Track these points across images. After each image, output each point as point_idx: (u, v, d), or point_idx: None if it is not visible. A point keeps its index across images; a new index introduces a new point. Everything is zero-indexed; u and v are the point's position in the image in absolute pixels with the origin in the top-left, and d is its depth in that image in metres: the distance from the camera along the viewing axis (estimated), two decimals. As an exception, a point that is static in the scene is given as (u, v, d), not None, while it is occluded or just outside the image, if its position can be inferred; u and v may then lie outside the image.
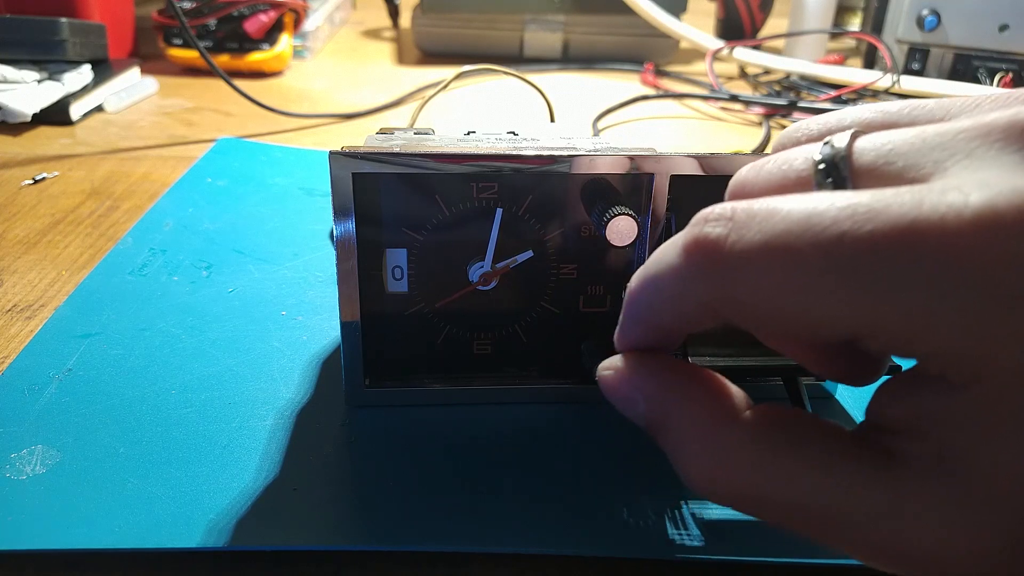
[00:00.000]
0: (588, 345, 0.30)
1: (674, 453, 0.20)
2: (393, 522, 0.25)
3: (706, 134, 0.68)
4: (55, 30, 0.64)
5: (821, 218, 0.16)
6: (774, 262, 0.16)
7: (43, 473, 0.26)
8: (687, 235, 0.18)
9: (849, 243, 0.15)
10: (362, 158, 0.26)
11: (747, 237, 0.17)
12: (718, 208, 0.18)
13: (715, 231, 0.17)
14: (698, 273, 0.18)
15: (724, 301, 0.18)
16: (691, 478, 0.19)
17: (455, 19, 0.90)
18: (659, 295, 0.19)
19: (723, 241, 0.17)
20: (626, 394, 0.21)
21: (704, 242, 0.18)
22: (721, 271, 0.17)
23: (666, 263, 0.19)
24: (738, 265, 0.17)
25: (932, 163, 0.17)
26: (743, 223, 0.17)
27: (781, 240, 0.16)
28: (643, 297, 0.20)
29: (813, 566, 0.24)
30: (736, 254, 0.17)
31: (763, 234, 0.17)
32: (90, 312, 0.36)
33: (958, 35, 0.75)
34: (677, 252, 0.18)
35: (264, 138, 0.62)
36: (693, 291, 0.18)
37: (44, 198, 0.49)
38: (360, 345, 0.29)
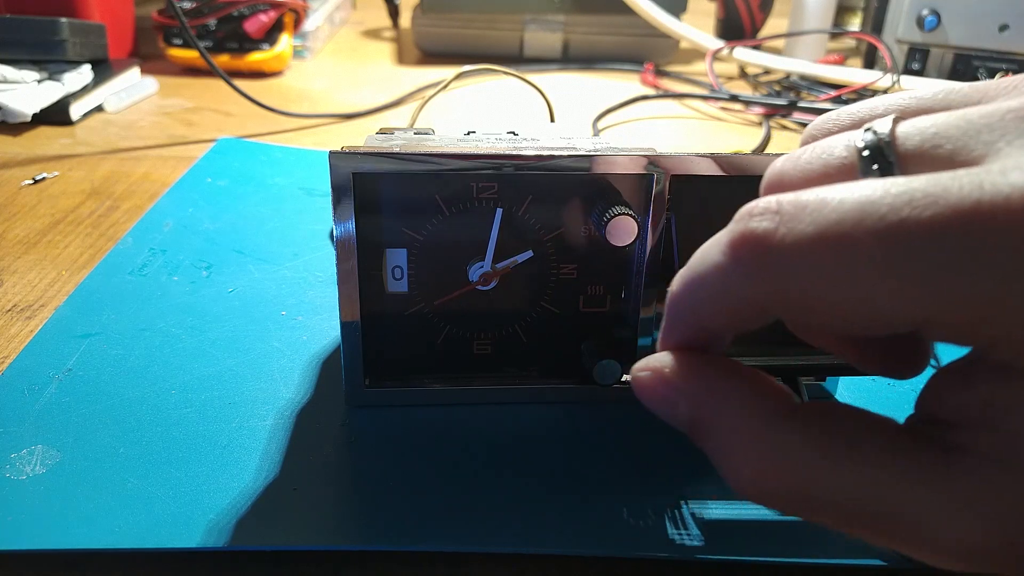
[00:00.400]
0: (588, 345, 0.30)
1: (720, 454, 0.19)
2: (393, 522, 0.25)
3: (706, 134, 0.68)
4: (55, 30, 0.64)
5: (877, 205, 0.15)
6: (830, 254, 0.15)
7: (43, 473, 0.26)
8: (732, 231, 0.17)
9: (911, 229, 0.15)
10: (362, 157, 0.26)
11: (798, 229, 0.16)
12: (762, 202, 0.17)
13: (762, 225, 0.17)
14: (747, 270, 0.17)
15: (776, 298, 0.17)
16: (740, 479, 0.18)
17: (455, 19, 0.90)
18: (704, 296, 0.19)
19: (772, 235, 0.16)
20: (665, 395, 0.20)
21: (751, 237, 0.17)
22: (772, 267, 0.16)
23: (710, 262, 0.18)
24: (791, 259, 0.16)
25: (983, 144, 0.16)
26: (792, 215, 0.16)
27: (836, 230, 0.15)
28: (686, 299, 0.19)
29: (813, 566, 0.24)
30: (788, 248, 0.16)
31: (815, 225, 0.16)
32: (90, 312, 0.36)
33: (958, 35, 0.75)
34: (722, 250, 0.18)
35: (264, 138, 0.62)
36: (742, 289, 0.17)
37: (44, 198, 0.49)
38: (360, 345, 0.29)
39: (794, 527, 0.25)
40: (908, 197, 0.15)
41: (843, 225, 0.15)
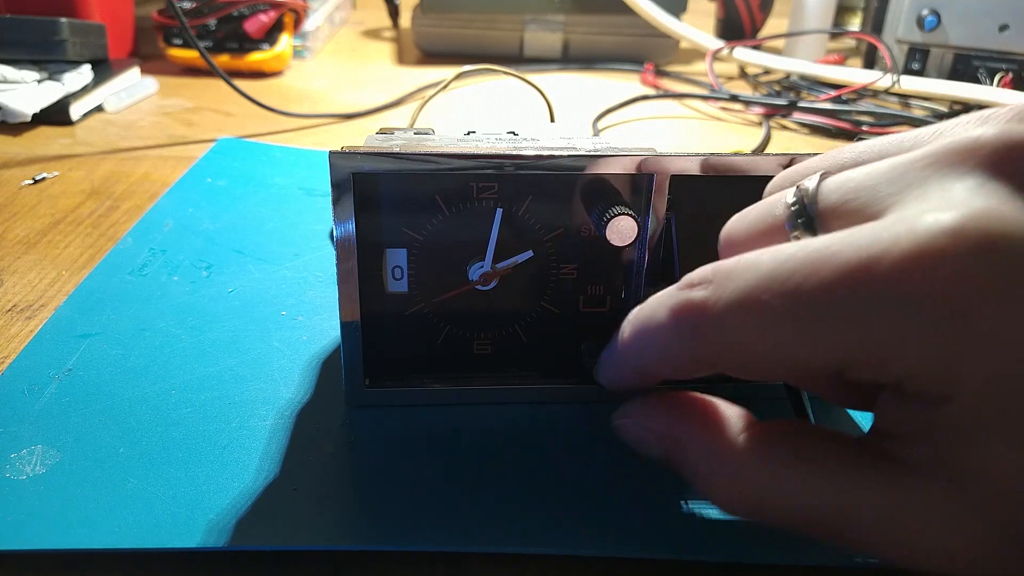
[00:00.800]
0: (588, 345, 0.30)
1: (693, 480, 0.21)
2: (393, 522, 0.25)
3: (706, 134, 0.68)
4: (55, 30, 0.64)
5: (783, 269, 0.17)
6: (749, 317, 0.18)
7: (43, 473, 0.26)
8: (675, 298, 0.20)
9: (809, 289, 0.17)
10: (362, 157, 0.26)
11: (724, 297, 0.18)
12: (699, 272, 0.20)
13: (698, 295, 0.19)
14: (686, 334, 0.19)
15: (714, 356, 0.19)
16: (712, 496, 0.21)
17: (455, 19, 0.90)
18: (651, 349, 0.21)
19: (705, 303, 0.19)
20: (640, 436, 0.23)
21: (688, 306, 0.19)
22: (706, 331, 0.19)
23: (656, 322, 0.21)
24: (720, 324, 0.18)
25: (888, 196, 0.18)
26: (721, 284, 0.19)
27: (753, 296, 0.18)
28: (635, 348, 0.22)
29: (813, 566, 0.24)
30: (717, 314, 0.18)
31: (737, 292, 0.18)
32: (90, 312, 0.36)
33: (958, 35, 0.75)
34: (666, 313, 0.20)
35: (264, 138, 0.62)
36: (683, 349, 0.20)
37: (44, 198, 0.49)
38: (360, 345, 0.29)
39: (794, 527, 0.25)
40: (809, 259, 0.17)
41: (758, 290, 0.18)
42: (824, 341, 0.17)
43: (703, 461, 0.21)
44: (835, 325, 0.17)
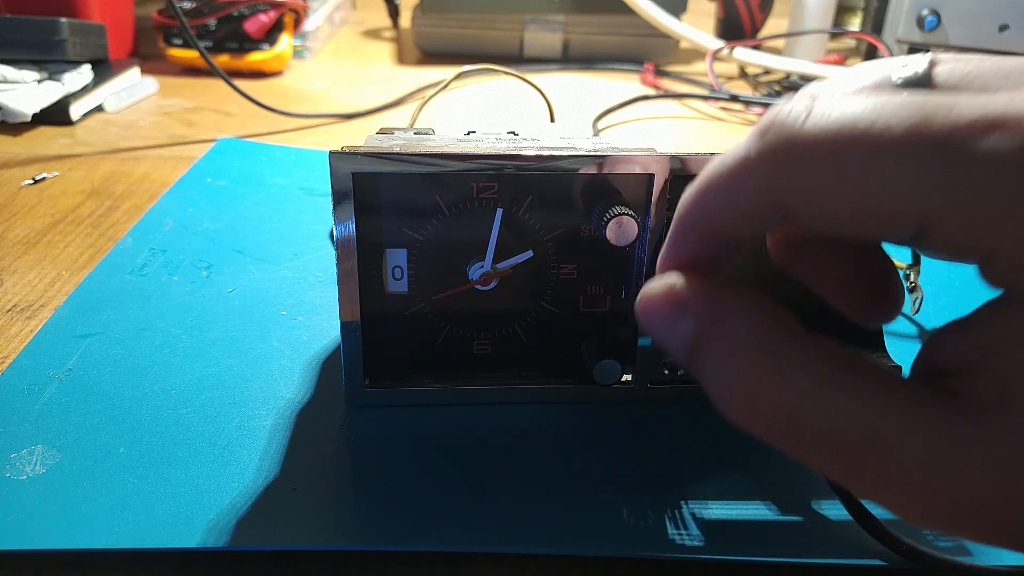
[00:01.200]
0: (588, 345, 0.30)
1: (716, 373, 0.18)
2: (393, 522, 0.25)
3: (706, 134, 0.68)
4: (55, 30, 0.64)
5: (896, 108, 0.16)
6: (854, 146, 0.16)
7: (43, 473, 0.26)
8: (760, 122, 0.18)
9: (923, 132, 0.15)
10: (362, 158, 0.26)
11: (828, 118, 0.16)
12: (796, 98, 0.17)
13: (791, 116, 0.17)
14: (769, 157, 0.17)
15: (794, 189, 0.17)
16: (731, 397, 0.18)
17: (455, 19, 0.90)
18: (722, 191, 0.18)
19: (800, 123, 0.17)
20: (672, 311, 0.19)
21: (779, 125, 0.17)
22: (795, 154, 0.17)
23: (731, 154, 0.18)
24: (815, 147, 0.16)
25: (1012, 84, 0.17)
26: (822, 110, 0.16)
27: (864, 122, 0.16)
28: (701, 199, 0.19)
29: (813, 566, 0.24)
30: (813, 136, 0.16)
31: (844, 119, 0.16)
32: (90, 312, 0.36)
33: (958, 35, 0.75)
34: (747, 140, 0.18)
35: (264, 138, 0.62)
36: (761, 179, 0.17)
37: (44, 198, 0.49)
38: (360, 345, 0.29)
39: (794, 527, 0.25)
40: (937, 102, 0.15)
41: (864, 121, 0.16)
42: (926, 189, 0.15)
43: (738, 354, 0.18)
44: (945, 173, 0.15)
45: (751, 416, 0.18)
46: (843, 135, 0.16)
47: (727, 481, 0.27)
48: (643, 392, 0.31)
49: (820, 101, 0.17)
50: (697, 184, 0.19)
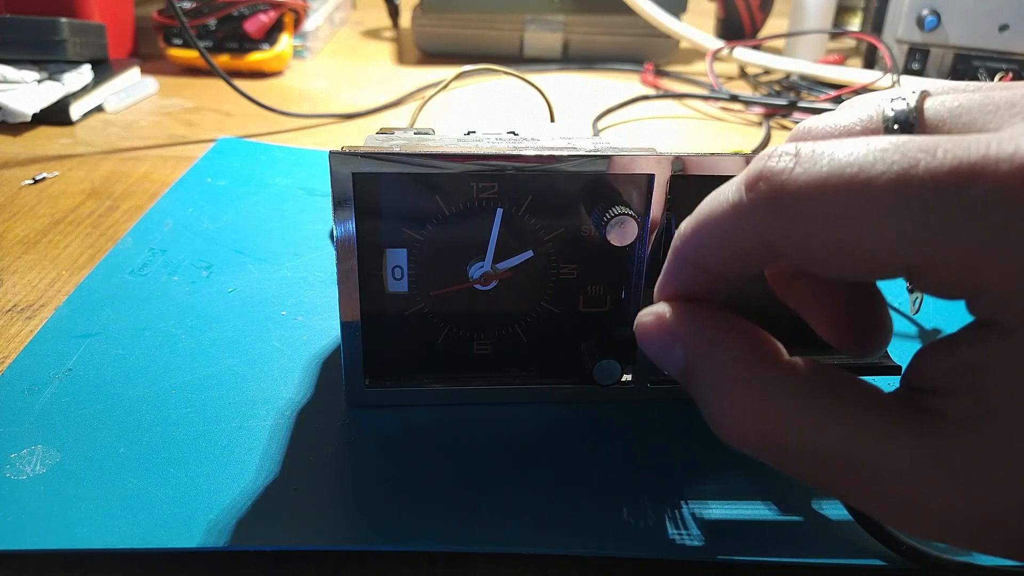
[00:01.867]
0: (588, 345, 0.30)
1: (708, 397, 0.19)
2: (393, 522, 0.25)
3: (706, 134, 0.68)
4: (55, 30, 0.64)
5: (881, 155, 0.16)
6: (841, 194, 0.16)
7: (43, 473, 0.26)
8: (749, 171, 0.18)
9: (907, 179, 0.16)
10: (362, 158, 0.26)
11: (813, 170, 0.17)
12: (783, 146, 0.18)
13: (780, 164, 0.17)
14: (760, 205, 0.18)
15: (784, 235, 0.18)
16: (722, 420, 0.19)
17: (455, 19, 0.90)
18: (714, 234, 0.19)
19: (788, 173, 0.17)
20: (664, 340, 0.21)
21: (769, 174, 0.18)
22: (785, 202, 0.17)
23: (724, 198, 0.19)
24: (804, 196, 0.17)
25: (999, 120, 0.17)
26: (809, 158, 0.17)
27: (849, 173, 0.16)
28: (696, 237, 0.20)
29: (813, 566, 0.24)
30: (801, 185, 0.17)
31: (831, 167, 0.17)
32: (90, 312, 0.36)
33: (958, 35, 0.75)
34: (738, 187, 0.18)
35: (264, 138, 0.62)
36: (753, 225, 0.18)
37: (44, 198, 0.49)
38: (360, 345, 0.29)
39: (794, 527, 0.25)
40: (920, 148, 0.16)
41: (850, 168, 0.16)
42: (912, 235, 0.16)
43: (724, 381, 0.19)
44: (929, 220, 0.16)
45: (740, 440, 0.19)
46: (830, 184, 0.17)
47: (727, 481, 0.27)
48: (643, 392, 0.31)
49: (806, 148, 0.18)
50: (692, 222, 0.20)
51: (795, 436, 0.18)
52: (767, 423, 0.18)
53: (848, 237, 0.17)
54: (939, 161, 0.16)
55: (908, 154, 0.16)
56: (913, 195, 0.16)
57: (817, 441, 0.18)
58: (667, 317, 0.21)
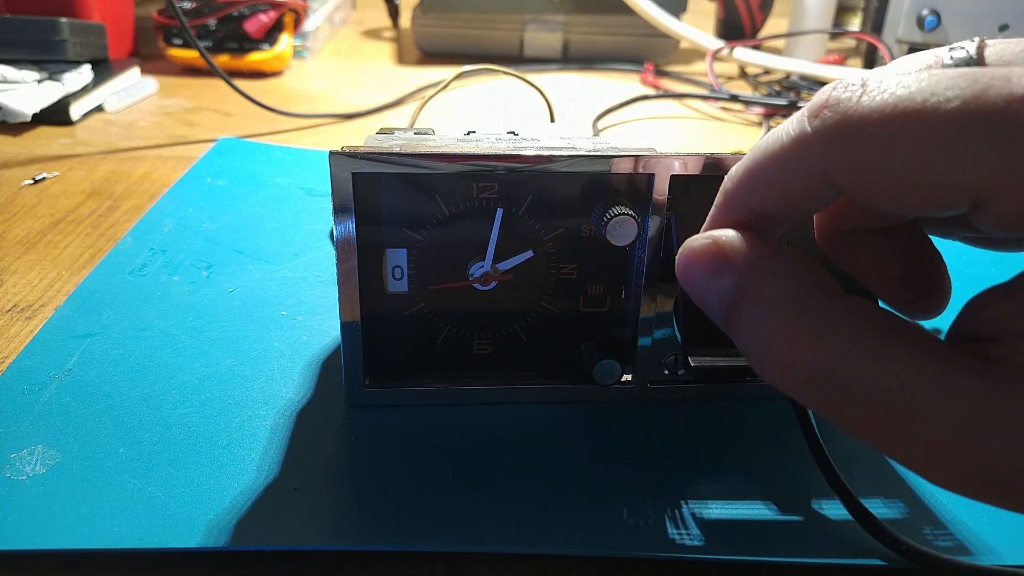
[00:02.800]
0: (588, 345, 0.30)
1: (755, 328, 0.18)
2: (393, 522, 0.25)
3: (706, 134, 0.68)
4: (55, 30, 0.64)
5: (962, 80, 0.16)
6: (910, 120, 0.16)
7: (43, 473, 0.26)
8: (812, 102, 0.17)
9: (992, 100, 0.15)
10: (362, 158, 0.26)
11: (881, 98, 0.16)
12: (847, 78, 0.17)
13: (847, 92, 0.17)
14: (825, 134, 0.17)
15: (850, 165, 0.17)
16: (769, 353, 0.18)
17: (455, 19, 0.90)
18: (774, 169, 0.18)
19: (856, 100, 0.17)
20: (715, 265, 0.20)
21: (835, 102, 0.17)
22: (852, 130, 0.17)
23: (784, 132, 0.18)
24: (871, 123, 0.16)
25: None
26: (877, 87, 0.16)
27: (920, 96, 0.16)
28: (751, 176, 0.19)
29: (813, 566, 0.24)
30: (869, 112, 0.16)
31: (895, 96, 0.16)
32: (90, 312, 0.36)
33: (958, 35, 0.75)
34: (799, 119, 0.18)
35: (264, 138, 0.62)
36: (816, 157, 0.17)
37: (44, 198, 0.49)
38: (360, 345, 0.29)
39: (794, 527, 0.25)
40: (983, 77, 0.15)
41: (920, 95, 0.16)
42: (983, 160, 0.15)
43: (779, 308, 0.18)
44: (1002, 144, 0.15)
45: (786, 373, 0.18)
46: (899, 110, 0.16)
47: (727, 481, 0.27)
48: (643, 392, 0.31)
49: (874, 77, 0.17)
50: (746, 162, 0.19)
51: (850, 370, 0.17)
52: (819, 358, 0.17)
53: (916, 164, 0.16)
54: (1014, 86, 0.15)
55: (981, 80, 0.15)
56: (986, 119, 0.15)
57: (873, 378, 0.16)
58: (722, 241, 0.20)
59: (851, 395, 0.17)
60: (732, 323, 0.19)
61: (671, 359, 0.31)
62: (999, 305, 0.17)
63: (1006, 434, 0.15)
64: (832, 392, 0.17)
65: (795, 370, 0.17)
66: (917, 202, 0.16)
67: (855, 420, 0.17)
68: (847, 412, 0.17)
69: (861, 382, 0.17)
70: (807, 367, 0.17)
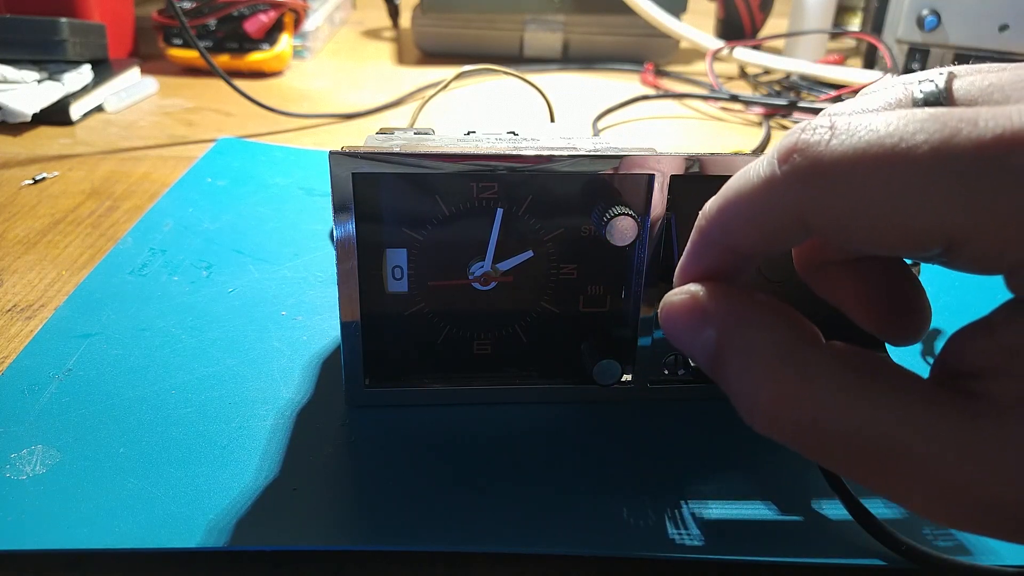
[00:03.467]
0: (588, 345, 0.30)
1: (741, 380, 0.18)
2: (393, 522, 0.25)
3: (706, 134, 0.68)
4: (55, 30, 0.64)
5: (931, 123, 0.16)
6: (881, 164, 0.16)
7: (43, 473, 0.26)
8: (781, 144, 0.18)
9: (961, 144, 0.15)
10: (362, 158, 0.26)
11: (850, 141, 0.16)
12: (816, 119, 0.17)
13: (816, 136, 0.17)
14: (795, 178, 0.17)
15: (821, 209, 0.17)
16: (755, 404, 0.18)
17: (455, 19, 0.90)
18: (745, 209, 0.19)
19: (825, 144, 0.17)
20: (694, 320, 0.20)
21: (804, 146, 0.17)
22: (822, 175, 0.17)
23: (755, 174, 0.18)
24: (841, 168, 0.16)
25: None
26: (845, 130, 0.17)
27: (890, 140, 0.16)
28: (723, 216, 0.19)
29: (813, 566, 0.24)
30: (838, 156, 0.16)
31: (869, 138, 0.16)
32: (90, 312, 0.36)
33: (958, 35, 0.75)
34: (770, 161, 0.18)
35: (264, 138, 0.62)
36: (787, 200, 0.17)
37: (44, 198, 0.49)
38: (360, 345, 0.29)
39: (794, 527, 0.25)
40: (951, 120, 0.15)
41: (889, 139, 0.16)
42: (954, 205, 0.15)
43: (761, 362, 0.18)
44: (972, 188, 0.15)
45: (774, 423, 0.18)
46: (869, 154, 0.16)
47: (727, 481, 0.27)
48: (643, 392, 0.31)
49: (842, 120, 0.17)
50: (719, 201, 0.20)
51: (837, 420, 0.17)
52: (806, 405, 0.17)
53: (888, 209, 0.16)
54: (981, 130, 0.15)
55: (949, 123, 0.15)
56: (955, 164, 0.15)
57: (861, 425, 0.17)
58: (700, 296, 0.20)
59: (840, 442, 0.17)
60: (719, 373, 0.19)
61: (671, 359, 0.31)
62: (981, 341, 0.17)
63: (997, 471, 0.16)
64: (822, 440, 0.17)
65: (783, 421, 0.18)
66: (891, 244, 0.17)
67: (849, 465, 0.17)
68: (838, 458, 0.17)
69: (849, 428, 0.17)
70: (794, 417, 0.17)
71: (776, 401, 0.18)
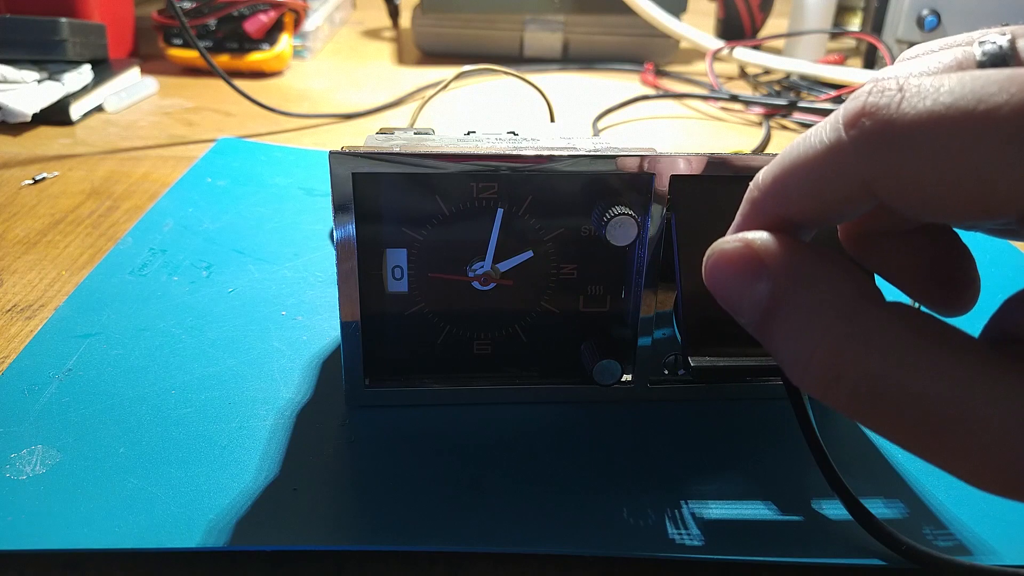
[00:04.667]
0: (588, 345, 0.30)
1: (797, 338, 0.17)
2: (393, 522, 0.25)
3: (706, 134, 0.68)
4: (55, 30, 0.64)
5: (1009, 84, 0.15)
6: (959, 127, 0.15)
7: (43, 473, 0.26)
8: (847, 108, 0.16)
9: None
10: (362, 158, 0.26)
11: (924, 104, 0.15)
12: (883, 81, 0.16)
13: (884, 98, 0.16)
14: (864, 144, 0.16)
15: (892, 175, 0.16)
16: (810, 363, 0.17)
17: (455, 19, 0.90)
18: (806, 177, 0.18)
19: (896, 107, 0.16)
20: (748, 270, 0.18)
21: (873, 109, 0.16)
22: (894, 139, 0.16)
23: (817, 140, 0.17)
24: (915, 132, 0.15)
25: None
26: (916, 92, 0.15)
27: (966, 102, 0.15)
28: (780, 184, 0.18)
29: (813, 566, 0.24)
30: (912, 119, 0.15)
31: (944, 99, 0.15)
32: (90, 312, 0.36)
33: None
34: (833, 127, 0.17)
35: (264, 138, 0.62)
36: (854, 167, 0.16)
37: (44, 198, 0.49)
38: (360, 345, 0.29)
39: (794, 527, 0.25)
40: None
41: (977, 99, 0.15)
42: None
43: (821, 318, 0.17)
44: None
45: (830, 385, 0.17)
46: (947, 116, 0.15)
47: (727, 481, 0.27)
48: (643, 392, 0.31)
49: (911, 81, 0.16)
50: (774, 170, 0.18)
51: (898, 386, 0.16)
52: (867, 369, 0.16)
53: (966, 174, 0.15)
54: None
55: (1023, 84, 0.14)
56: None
57: (922, 388, 0.16)
58: (756, 245, 0.18)
59: (899, 407, 0.16)
60: (767, 331, 0.18)
61: (671, 359, 0.31)
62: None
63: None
64: (880, 404, 0.16)
65: (840, 383, 0.17)
66: (965, 212, 0.16)
67: (903, 431, 0.16)
68: (895, 423, 0.16)
69: (910, 393, 0.16)
70: (854, 379, 0.16)
71: (834, 363, 0.17)
